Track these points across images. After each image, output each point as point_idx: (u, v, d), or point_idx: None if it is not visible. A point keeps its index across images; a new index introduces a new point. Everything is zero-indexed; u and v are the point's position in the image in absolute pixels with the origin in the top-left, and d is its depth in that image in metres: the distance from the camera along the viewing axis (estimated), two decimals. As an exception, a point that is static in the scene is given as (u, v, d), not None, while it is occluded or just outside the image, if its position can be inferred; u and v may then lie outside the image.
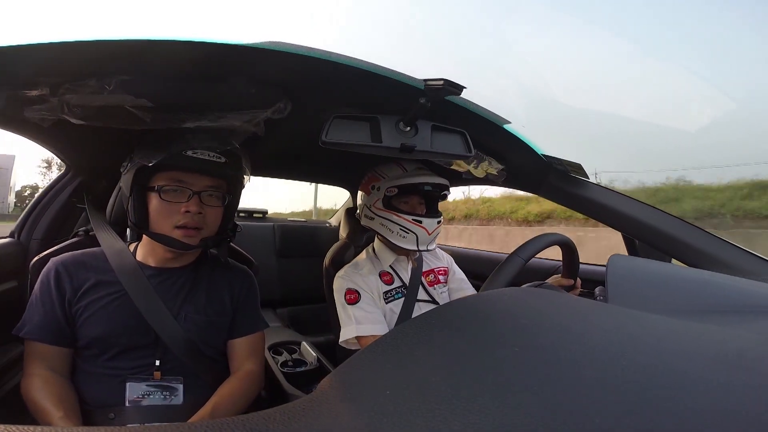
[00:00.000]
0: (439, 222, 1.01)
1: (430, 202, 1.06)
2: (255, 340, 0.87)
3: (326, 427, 0.28)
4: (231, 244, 0.94)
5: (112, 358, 0.72)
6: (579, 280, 0.92)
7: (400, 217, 0.99)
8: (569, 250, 0.85)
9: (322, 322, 1.78)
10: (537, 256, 0.79)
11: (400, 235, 0.99)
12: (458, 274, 1.18)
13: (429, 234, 0.99)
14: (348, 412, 0.28)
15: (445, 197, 1.07)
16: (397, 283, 1.05)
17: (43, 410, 0.65)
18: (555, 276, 0.94)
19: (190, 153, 0.71)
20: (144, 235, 0.79)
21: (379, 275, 1.04)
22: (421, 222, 0.98)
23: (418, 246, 0.99)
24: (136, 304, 0.73)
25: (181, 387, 0.75)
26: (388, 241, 1.02)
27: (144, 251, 0.80)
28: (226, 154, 0.75)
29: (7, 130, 0.77)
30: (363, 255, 1.12)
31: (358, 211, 1.13)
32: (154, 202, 0.73)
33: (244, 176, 0.84)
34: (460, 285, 1.15)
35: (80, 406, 0.70)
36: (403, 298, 1.03)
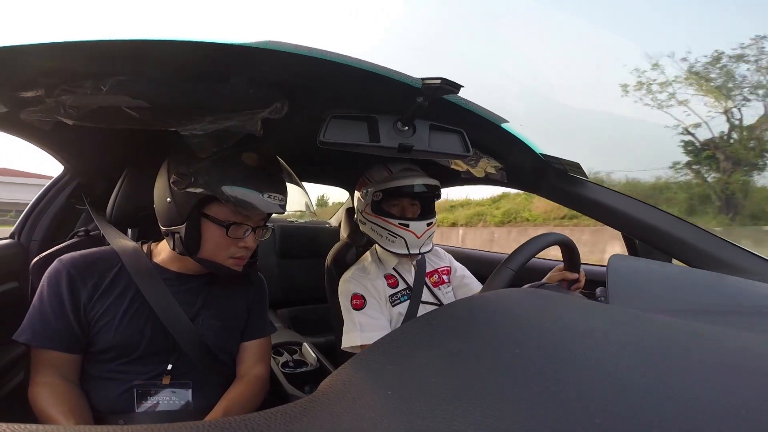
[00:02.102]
0: (429, 224, 1.00)
1: (423, 203, 1.05)
2: (264, 343, 0.86)
3: (327, 427, 0.27)
4: None
5: (126, 363, 0.70)
6: (583, 273, 0.90)
7: (387, 222, 0.99)
8: (568, 249, 0.85)
9: (323, 322, 1.78)
10: (537, 255, 0.79)
11: (389, 240, 1.00)
12: (460, 270, 1.18)
13: (418, 237, 0.98)
14: (349, 412, 0.28)
15: (437, 197, 1.06)
16: (401, 286, 1.05)
17: (52, 421, 0.62)
18: (558, 266, 0.93)
19: (266, 196, 0.69)
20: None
21: (384, 278, 1.04)
22: (407, 226, 0.97)
23: (408, 250, 0.98)
24: (155, 309, 0.70)
25: (189, 392, 0.74)
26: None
27: (167, 256, 0.78)
28: (285, 194, 0.74)
29: (3, 131, 0.77)
30: (368, 257, 1.11)
31: (355, 215, 1.13)
32: (212, 231, 0.71)
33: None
34: (462, 281, 1.15)
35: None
36: (408, 301, 1.02)
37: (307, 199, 0.85)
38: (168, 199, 0.71)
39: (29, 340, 0.66)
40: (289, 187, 0.78)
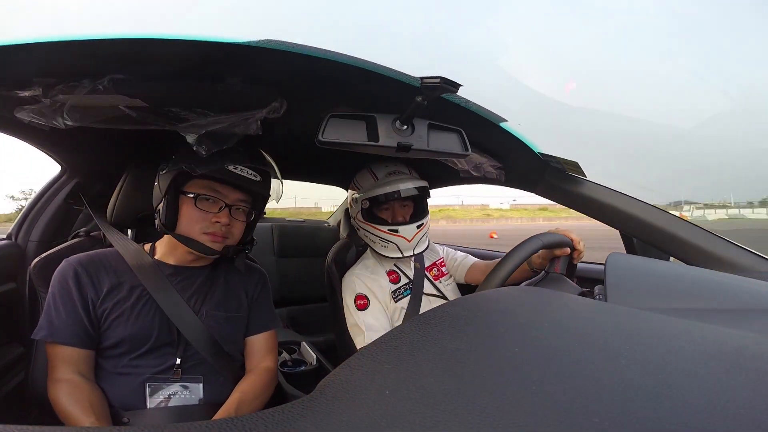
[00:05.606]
0: (419, 226, 1.01)
1: (415, 203, 1.06)
2: (270, 337, 0.89)
3: (326, 427, 0.27)
4: None
5: (137, 358, 0.72)
6: (577, 239, 0.80)
7: (377, 229, 1.00)
8: (548, 244, 0.80)
9: (322, 322, 1.78)
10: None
11: (382, 246, 1.01)
12: (451, 254, 1.19)
13: (409, 241, 0.99)
14: (347, 412, 0.28)
15: (427, 197, 1.07)
16: (403, 281, 1.06)
17: (72, 417, 0.64)
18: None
19: (231, 167, 0.74)
20: (165, 235, 0.81)
21: (386, 274, 1.06)
22: (397, 231, 0.98)
23: (402, 254, 0.99)
24: (159, 303, 0.74)
25: (200, 386, 0.76)
26: None
27: (163, 250, 0.82)
28: (261, 173, 0.79)
29: (0, 132, 0.77)
30: (369, 254, 1.12)
31: (351, 220, 1.15)
32: (186, 206, 0.76)
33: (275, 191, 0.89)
34: (454, 264, 1.15)
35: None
36: (410, 295, 1.04)
37: (278, 185, 0.90)
38: (156, 183, 0.78)
39: (46, 336, 0.70)
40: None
